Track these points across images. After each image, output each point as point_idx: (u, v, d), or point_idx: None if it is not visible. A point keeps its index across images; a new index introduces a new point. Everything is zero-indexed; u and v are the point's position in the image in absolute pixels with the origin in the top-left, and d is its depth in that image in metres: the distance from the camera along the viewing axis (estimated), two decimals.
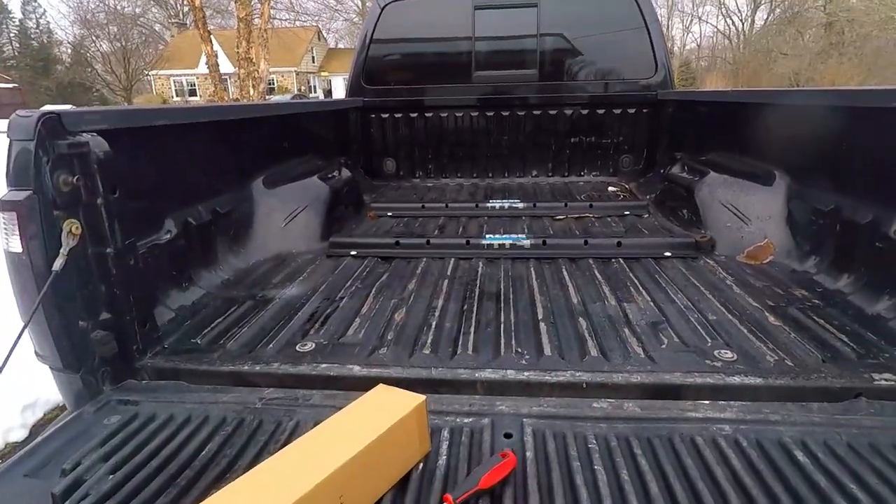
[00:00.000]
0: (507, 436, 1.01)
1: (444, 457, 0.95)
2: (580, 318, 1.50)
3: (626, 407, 1.08)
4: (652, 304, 1.58)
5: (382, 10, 3.37)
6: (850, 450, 0.93)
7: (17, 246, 1.08)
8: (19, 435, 2.38)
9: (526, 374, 1.21)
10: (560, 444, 0.97)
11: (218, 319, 1.54)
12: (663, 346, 1.33)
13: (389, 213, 2.83)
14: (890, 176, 1.47)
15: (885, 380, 1.13)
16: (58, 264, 1.09)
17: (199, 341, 1.42)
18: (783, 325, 1.40)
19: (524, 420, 1.05)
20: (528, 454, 0.94)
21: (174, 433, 1.03)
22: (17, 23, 40.05)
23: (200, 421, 1.07)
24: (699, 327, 1.42)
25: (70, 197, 1.13)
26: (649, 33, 3.22)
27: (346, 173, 2.85)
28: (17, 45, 40.17)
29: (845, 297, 1.51)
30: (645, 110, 3.30)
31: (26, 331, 1.08)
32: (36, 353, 1.19)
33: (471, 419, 1.06)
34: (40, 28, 40.77)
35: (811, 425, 1.00)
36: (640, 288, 1.71)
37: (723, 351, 1.28)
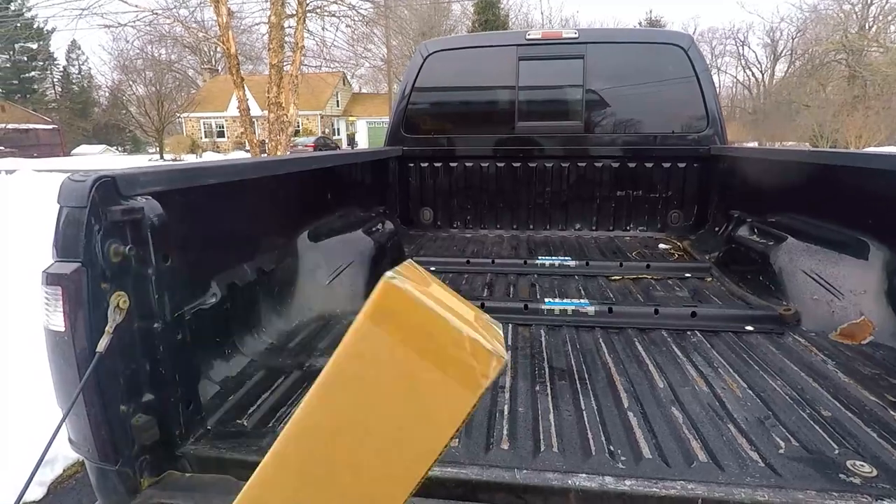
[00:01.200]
0: None
1: None
2: (672, 408, 1.32)
3: None
4: (750, 391, 1.40)
5: (426, 59, 3.35)
6: None
7: (59, 324, 0.95)
8: (36, 494, 2.22)
9: (628, 483, 1.03)
10: None
11: (265, 395, 1.39)
12: (781, 452, 1.14)
13: (432, 268, 2.69)
14: None
15: None
16: (102, 344, 0.96)
17: (245, 423, 1.27)
18: None
19: None
20: None
21: None
22: (61, 69, 42.31)
23: None
24: (817, 426, 1.22)
25: (120, 268, 1.01)
26: (700, 85, 3.13)
27: (388, 225, 2.75)
28: (59, 90, 42.25)
29: None
30: (696, 165, 3.17)
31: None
32: (70, 440, 1.05)
33: None
34: (82, 73, 42.98)
35: None
36: (730, 369, 1.52)
37: (857, 462, 1.09)
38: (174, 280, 1.15)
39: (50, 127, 35.23)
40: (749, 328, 1.82)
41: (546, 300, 2.00)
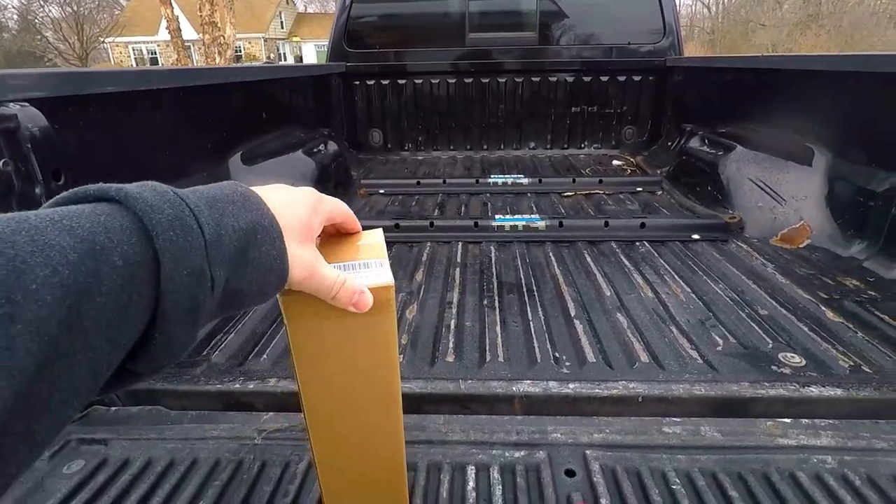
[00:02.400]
0: (570, 473, 0.83)
1: None
2: (618, 314, 1.33)
3: (703, 432, 0.91)
4: (693, 295, 1.42)
5: None
6: None
7: None
8: None
9: (571, 386, 1.04)
10: (636, 486, 0.80)
11: None
12: (719, 349, 1.16)
13: (381, 191, 2.59)
14: None
15: None
16: None
17: None
18: (845, 322, 1.25)
19: (586, 452, 0.87)
20: (604, 502, 0.76)
21: (153, 487, 0.81)
22: None
23: (187, 466, 0.86)
24: (753, 324, 1.26)
25: None
26: None
27: (332, 146, 2.60)
28: None
29: None
30: (651, 78, 3.10)
31: None
32: None
33: (522, 452, 0.87)
34: None
35: None
36: (676, 276, 1.54)
37: (788, 354, 1.13)
38: None
39: None
40: (696, 237, 1.83)
41: (496, 217, 1.96)
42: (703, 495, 0.77)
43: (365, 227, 0.65)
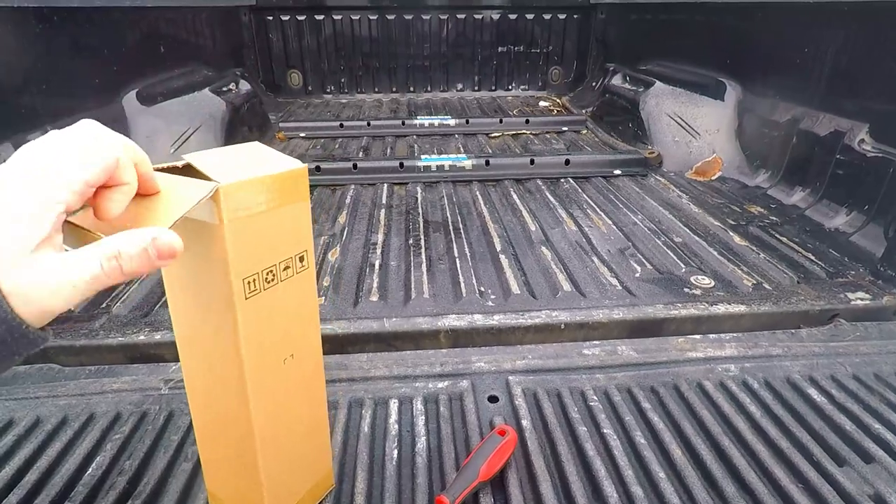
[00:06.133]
0: (493, 399, 0.84)
1: (424, 437, 0.75)
2: (542, 248, 1.34)
3: (620, 351, 0.94)
4: (614, 227, 1.45)
5: None
6: (859, 382, 0.86)
7: None
8: None
9: (496, 318, 1.04)
10: (557, 406, 0.82)
11: None
12: (637, 275, 1.20)
13: (302, 134, 2.45)
14: (855, 84, 1.39)
15: (860, 299, 1.08)
16: None
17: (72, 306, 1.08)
18: (749, 245, 1.33)
19: (509, 378, 0.88)
20: (525, 423, 0.77)
21: (42, 446, 0.74)
22: None
23: (83, 422, 0.78)
24: (668, 251, 1.31)
25: None
26: None
27: (244, 86, 2.40)
28: None
29: (802, 213, 1.46)
30: (576, 16, 3.07)
31: None
32: None
33: (446, 382, 0.87)
34: None
35: (812, 357, 0.92)
36: (598, 210, 1.57)
37: (699, 277, 1.18)
38: None
39: None
40: (617, 172, 1.87)
41: (423, 157, 1.90)
42: (618, 409, 0.80)
43: None
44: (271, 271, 0.49)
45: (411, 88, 3.24)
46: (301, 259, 0.52)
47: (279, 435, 0.56)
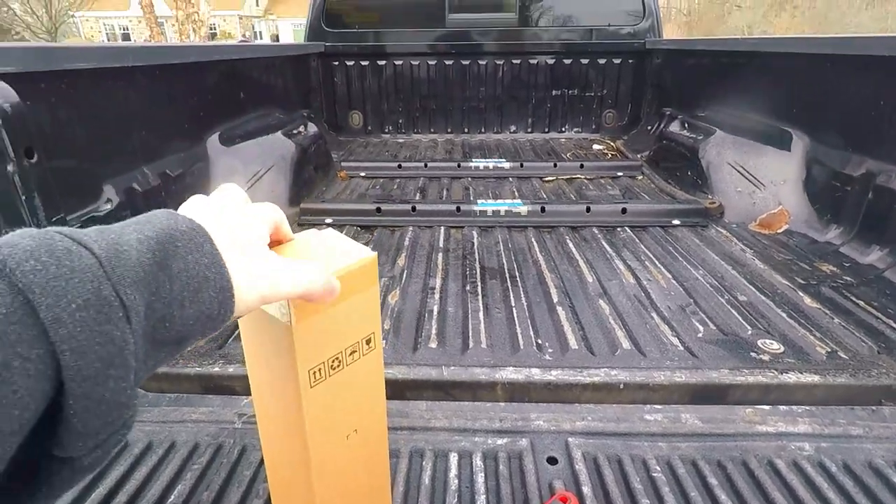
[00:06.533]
0: (552, 461, 0.83)
1: (483, 496, 0.76)
2: (600, 301, 1.33)
3: (684, 419, 0.92)
4: (674, 281, 1.43)
5: None
6: None
7: None
8: None
9: (554, 373, 1.04)
10: (618, 473, 0.80)
11: None
12: (699, 335, 1.17)
13: (362, 174, 2.55)
14: None
15: None
16: None
17: None
18: (822, 308, 1.27)
19: (568, 439, 0.87)
20: (586, 490, 0.76)
21: (130, 469, 0.79)
22: None
23: (166, 449, 0.84)
24: (733, 310, 1.27)
25: None
26: None
27: (312, 128, 2.53)
28: None
29: (880, 274, 1.39)
30: (631, 60, 3.09)
31: None
32: None
33: (505, 439, 0.87)
34: None
35: None
36: (656, 262, 1.55)
37: (767, 341, 1.14)
38: (47, 180, 0.98)
39: None
40: (676, 222, 1.85)
41: (479, 202, 1.94)
42: (683, 482, 0.78)
43: (350, 213, 0.60)
44: (337, 358, 0.51)
45: (466, 129, 3.33)
46: (368, 342, 0.54)
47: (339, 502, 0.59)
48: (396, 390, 1.02)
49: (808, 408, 0.95)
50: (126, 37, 32.38)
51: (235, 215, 0.41)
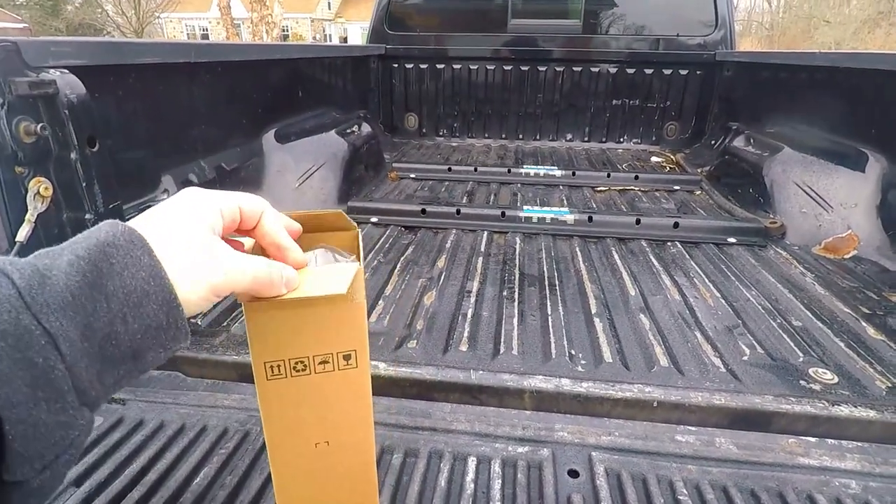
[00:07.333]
0: (573, 474, 0.81)
1: (499, 503, 0.75)
2: (641, 315, 1.29)
3: (718, 443, 0.88)
4: (723, 301, 1.36)
5: None
6: None
7: None
8: None
9: (584, 385, 1.01)
10: (641, 493, 0.77)
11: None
12: (745, 359, 1.11)
13: (412, 175, 2.59)
14: None
15: None
16: (23, 234, 0.88)
17: (198, 321, 1.22)
18: (886, 340, 1.17)
19: (592, 453, 0.85)
20: None
21: (163, 449, 0.84)
22: None
23: (197, 432, 0.88)
24: (784, 335, 1.20)
25: (36, 150, 0.91)
26: None
27: (366, 128, 2.60)
28: None
29: None
30: (699, 72, 2.97)
31: None
32: None
33: (526, 448, 0.86)
34: None
35: None
36: (706, 280, 1.48)
37: (820, 370, 1.07)
38: (107, 169, 1.05)
39: (20, 26, 32.86)
40: (732, 240, 1.76)
41: (525, 208, 1.92)
42: None
43: (396, 213, 0.60)
44: (302, 361, 0.53)
45: (520, 136, 3.30)
46: (347, 357, 0.54)
47: None
48: (423, 390, 1.03)
49: (859, 444, 0.88)
50: (205, 37, 34.33)
51: (181, 210, 0.42)
